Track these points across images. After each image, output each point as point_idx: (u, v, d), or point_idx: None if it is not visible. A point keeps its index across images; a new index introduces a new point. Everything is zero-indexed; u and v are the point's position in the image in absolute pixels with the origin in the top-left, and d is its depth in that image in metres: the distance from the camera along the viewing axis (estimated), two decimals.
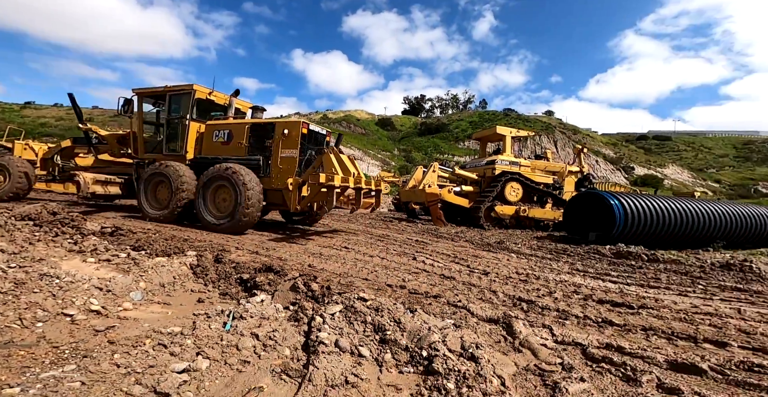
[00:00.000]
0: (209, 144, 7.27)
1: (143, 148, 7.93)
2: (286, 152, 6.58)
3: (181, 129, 7.50)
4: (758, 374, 2.17)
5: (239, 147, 6.93)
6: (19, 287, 2.18)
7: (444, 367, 2.02)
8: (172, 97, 7.52)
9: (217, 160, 6.84)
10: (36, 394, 1.43)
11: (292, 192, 6.29)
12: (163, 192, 7.07)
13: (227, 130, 7.11)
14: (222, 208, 6.44)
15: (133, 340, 2.00)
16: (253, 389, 1.80)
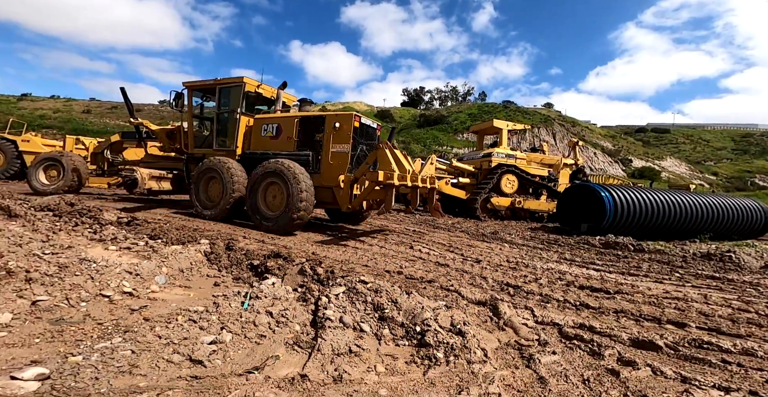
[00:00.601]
0: (258, 139, 7.01)
1: (193, 143, 7.74)
2: (337, 147, 6.20)
3: (231, 123, 7.28)
4: (706, 350, 2.50)
5: (288, 142, 6.65)
6: (62, 271, 2.48)
7: (435, 340, 2.34)
8: (222, 91, 7.30)
9: (266, 156, 6.58)
10: (97, 360, 1.73)
11: (344, 190, 5.93)
12: (214, 189, 6.83)
13: (276, 124, 6.83)
14: (273, 206, 6.10)
15: (166, 317, 2.31)
16: (271, 357, 2.11)
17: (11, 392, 1.48)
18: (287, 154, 6.50)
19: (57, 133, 31.34)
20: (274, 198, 6.08)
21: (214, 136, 7.45)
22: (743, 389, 1.97)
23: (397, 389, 1.89)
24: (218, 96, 7.32)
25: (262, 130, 6.98)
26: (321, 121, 6.47)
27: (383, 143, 5.86)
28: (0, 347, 1.87)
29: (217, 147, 7.36)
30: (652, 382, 2.05)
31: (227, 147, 7.24)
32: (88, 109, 47.37)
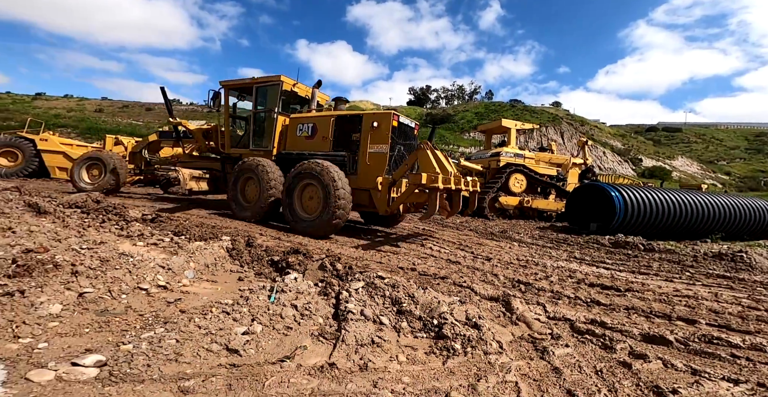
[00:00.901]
0: (293, 138, 6.88)
1: (229, 143, 7.66)
2: (375, 147, 5.94)
3: (267, 123, 7.18)
4: (715, 346, 2.58)
5: (324, 142, 6.45)
6: (104, 264, 2.64)
7: (452, 332, 2.46)
8: (259, 90, 7.20)
9: (302, 156, 6.44)
10: (147, 348, 1.88)
11: (382, 192, 5.71)
12: (251, 190, 6.74)
13: (311, 124, 6.65)
14: (309, 208, 5.89)
15: (200, 309, 2.46)
16: (299, 347, 2.25)
17: (75, 378, 1.64)
18: (323, 154, 6.30)
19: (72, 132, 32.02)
20: (311, 200, 5.88)
21: (250, 136, 7.36)
22: (751, 381, 2.06)
23: (419, 377, 2.02)
24: (255, 95, 7.22)
25: (297, 130, 6.82)
26: (358, 120, 6.26)
27: (424, 144, 5.57)
28: (54, 336, 2.03)
29: (253, 147, 7.28)
30: (663, 374, 2.15)
31: (263, 147, 7.16)
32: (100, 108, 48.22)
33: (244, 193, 6.84)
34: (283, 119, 7.03)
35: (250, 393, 1.69)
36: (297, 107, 7.87)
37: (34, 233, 3.07)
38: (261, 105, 7.28)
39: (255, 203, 6.50)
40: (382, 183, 5.77)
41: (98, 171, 9.07)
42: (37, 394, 1.51)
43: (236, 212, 6.76)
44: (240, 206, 6.76)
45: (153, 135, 10.08)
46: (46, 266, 2.38)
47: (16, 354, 1.82)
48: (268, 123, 7.18)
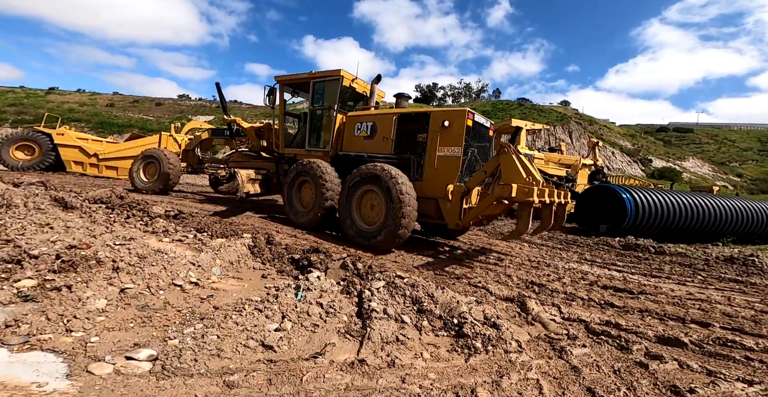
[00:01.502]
0: (350, 138, 6.22)
1: (283, 142, 7.18)
2: (445, 150, 5.19)
3: (325, 121, 6.60)
4: (729, 348, 2.66)
5: (385, 143, 5.79)
6: (142, 261, 2.78)
7: (472, 331, 2.56)
8: (317, 85, 6.63)
9: (360, 159, 5.88)
10: (192, 343, 2.01)
11: (453, 203, 4.98)
12: (307, 194, 6.20)
13: (371, 123, 5.97)
14: (368, 218, 5.25)
15: (233, 306, 2.59)
16: (328, 344, 2.37)
17: (131, 371, 1.77)
18: (384, 156, 5.70)
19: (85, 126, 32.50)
20: (372, 209, 5.23)
21: (306, 136, 6.79)
22: (765, 383, 2.14)
23: (443, 373, 2.13)
24: (312, 91, 6.65)
25: (355, 130, 6.15)
26: (424, 118, 5.51)
27: (507, 147, 4.67)
28: (102, 330, 2.17)
29: (309, 147, 6.74)
30: (679, 374, 2.24)
31: (320, 148, 6.62)
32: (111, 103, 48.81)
33: (300, 197, 6.32)
34: (340, 118, 6.41)
35: (290, 388, 1.81)
36: (350, 104, 7.20)
37: (71, 228, 3.21)
38: (318, 102, 6.70)
39: (311, 209, 5.94)
40: (453, 192, 5.01)
41: (154, 169, 9.02)
42: (101, 386, 1.64)
43: (291, 217, 6.25)
44: (295, 211, 6.24)
45: (205, 133, 10.01)
46: (89, 261, 2.52)
47: (71, 347, 1.96)
48: (325, 121, 6.60)
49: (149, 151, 9.40)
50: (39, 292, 2.32)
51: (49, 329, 2.06)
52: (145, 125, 35.57)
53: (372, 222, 5.18)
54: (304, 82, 6.81)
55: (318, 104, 6.70)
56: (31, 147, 12.81)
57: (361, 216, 5.33)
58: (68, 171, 12.98)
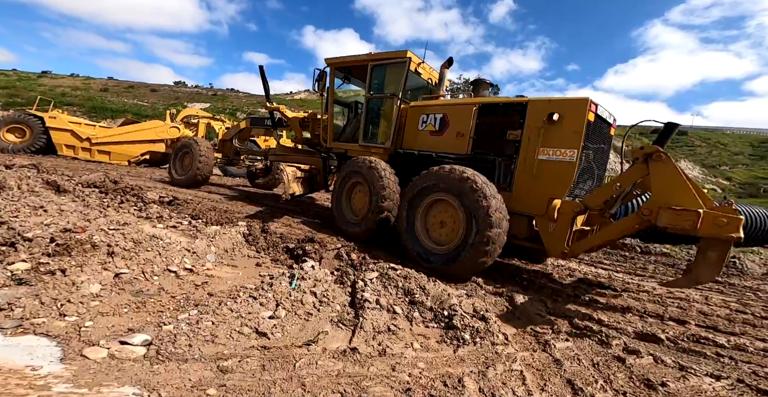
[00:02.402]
0: (413, 133, 5.16)
1: (332, 135, 6.18)
2: (552, 153, 3.87)
3: (385, 112, 5.53)
4: (702, 344, 2.79)
5: (459, 140, 4.63)
6: (137, 246, 2.79)
7: (461, 323, 2.64)
8: (376, 69, 5.53)
9: (427, 158, 4.88)
10: (187, 328, 2.05)
11: (560, 224, 3.71)
12: (359, 199, 5.19)
13: (440, 115, 4.85)
14: (438, 236, 4.10)
15: (228, 293, 2.63)
16: (321, 332, 2.43)
17: (126, 356, 1.80)
18: (457, 157, 4.63)
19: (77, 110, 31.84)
20: (442, 226, 4.06)
21: (360, 129, 5.71)
22: (732, 378, 2.26)
23: (432, 362, 2.20)
24: (370, 76, 5.51)
25: (419, 123, 5.06)
26: (519, 110, 4.19)
27: (662, 153, 3.27)
28: (96, 315, 2.19)
29: (363, 142, 5.66)
30: (653, 368, 2.35)
31: (378, 143, 5.54)
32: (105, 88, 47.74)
33: (351, 202, 5.33)
34: (403, 108, 5.36)
35: (283, 374, 1.87)
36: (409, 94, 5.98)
37: (64, 212, 3.20)
38: (377, 89, 5.62)
39: (363, 218, 4.92)
40: (561, 209, 3.70)
41: (189, 160, 8.39)
42: (96, 370, 1.68)
43: (341, 225, 5.23)
44: (345, 219, 5.24)
45: (244, 122, 9.24)
46: (84, 245, 2.52)
47: (65, 332, 1.98)
48: (385, 112, 5.55)
49: (184, 140, 8.82)
50: (33, 275, 2.33)
51: (42, 313, 2.08)
52: (139, 111, 34.91)
53: (443, 241, 4.03)
54: (360, 66, 5.73)
55: (377, 92, 5.60)
56: (22, 130, 12.58)
57: (428, 233, 4.19)
58: (59, 154, 12.81)
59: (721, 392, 2.14)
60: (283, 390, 1.74)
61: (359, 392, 1.78)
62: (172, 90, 54.68)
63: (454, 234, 3.93)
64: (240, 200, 7.27)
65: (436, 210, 4.17)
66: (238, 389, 1.69)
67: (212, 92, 55.52)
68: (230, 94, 56.02)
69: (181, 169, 8.60)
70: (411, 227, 4.25)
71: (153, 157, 13.74)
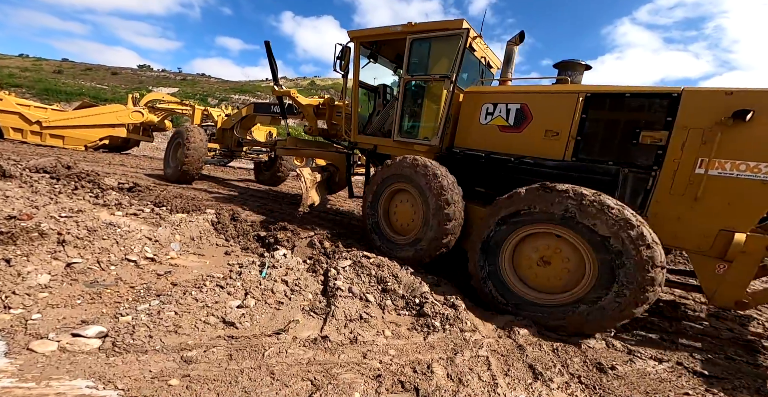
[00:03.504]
0: (472, 127, 4.02)
1: (357, 126, 4.95)
2: (736, 167, 2.73)
3: (430, 99, 4.31)
4: (648, 330, 2.98)
5: (549, 140, 3.49)
6: (91, 234, 2.61)
7: (432, 311, 2.67)
8: (417, 44, 4.23)
9: (499, 162, 3.75)
10: (147, 319, 1.94)
11: (740, 266, 2.67)
12: (404, 212, 4.01)
13: (516, 105, 3.71)
14: (537, 278, 2.99)
15: (193, 282, 2.52)
16: (292, 321, 2.38)
17: (79, 348, 1.69)
18: (552, 162, 3.46)
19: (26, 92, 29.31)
20: (547, 265, 2.94)
21: (395, 119, 4.41)
22: (672, 360, 2.45)
23: (403, 350, 2.22)
24: (408, 53, 4.23)
25: (482, 114, 3.93)
26: (666, 103, 3.01)
27: None
28: (45, 307, 2.04)
29: (399, 137, 4.41)
30: (605, 353, 2.50)
31: (420, 138, 4.31)
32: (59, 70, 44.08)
33: (392, 216, 4.16)
34: (456, 95, 4.06)
35: (251, 363, 1.82)
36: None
37: (9, 198, 2.94)
38: (418, 69, 4.35)
39: (415, 240, 3.78)
40: (749, 247, 2.65)
41: (181, 152, 7.31)
42: (44, 364, 1.56)
43: (380, 245, 4.07)
44: (384, 236, 4.10)
45: (247, 108, 8.04)
46: (30, 234, 2.33)
47: (10, 325, 1.83)
48: (430, 99, 4.32)
49: (179, 128, 7.80)
50: None
51: None
52: (98, 94, 32.54)
53: (548, 286, 2.93)
54: (395, 40, 4.47)
55: (418, 73, 4.32)
56: None
57: (519, 271, 3.09)
58: (6, 138, 11.79)
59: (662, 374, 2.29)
60: (250, 379, 1.70)
61: (329, 379, 1.76)
62: (136, 74, 51.42)
63: (567, 278, 2.82)
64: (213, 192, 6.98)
65: (535, 242, 2.99)
66: (203, 378, 1.64)
67: (181, 77, 52.69)
68: (201, 79, 53.44)
69: (173, 162, 7.54)
70: (494, 264, 3.13)
71: (113, 142, 12.92)
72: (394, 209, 4.14)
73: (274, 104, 7.17)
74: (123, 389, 1.47)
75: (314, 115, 6.20)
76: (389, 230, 4.13)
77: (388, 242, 4.04)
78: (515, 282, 3.06)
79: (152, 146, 16.14)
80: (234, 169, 12.87)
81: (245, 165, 13.86)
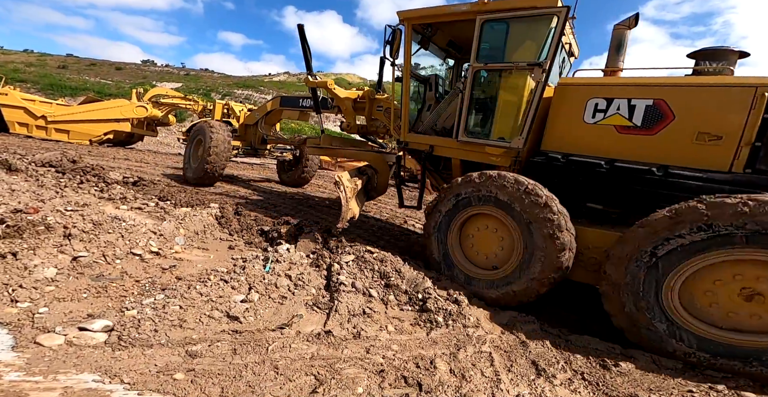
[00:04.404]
0: (569, 127, 3.28)
1: (407, 122, 4.22)
2: None
3: (509, 91, 3.63)
4: None
5: (705, 146, 2.80)
6: (97, 228, 2.62)
7: (435, 306, 2.68)
8: (490, 26, 3.54)
9: (632, 172, 3.00)
10: (152, 313, 1.96)
11: None
12: (487, 240, 3.27)
13: (646, 101, 2.98)
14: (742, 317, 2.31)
15: (197, 276, 2.53)
16: (296, 316, 2.40)
17: (85, 342, 1.71)
18: (717, 173, 2.75)
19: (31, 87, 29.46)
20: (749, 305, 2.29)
21: (462, 114, 3.67)
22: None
23: (406, 345, 2.23)
24: (479, 36, 3.55)
25: (588, 111, 3.20)
26: None
27: None
28: (52, 300, 2.06)
29: (466, 136, 3.69)
30: (608, 349, 2.49)
31: (495, 138, 3.59)
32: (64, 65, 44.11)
33: (463, 241, 3.42)
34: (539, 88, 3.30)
35: (255, 357, 1.83)
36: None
37: (16, 192, 2.96)
38: (492, 56, 3.65)
39: (503, 277, 3.09)
40: None
41: (202, 150, 6.61)
42: (51, 358, 1.58)
43: (468, 283, 3.24)
44: (458, 269, 3.33)
45: (272, 102, 7.38)
46: (37, 227, 2.35)
47: (17, 319, 1.86)
48: (509, 91, 3.63)
49: (200, 124, 7.16)
50: None
51: None
52: (102, 89, 32.58)
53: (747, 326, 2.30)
54: (463, 21, 3.71)
55: (492, 59, 3.64)
56: None
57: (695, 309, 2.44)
58: (11, 133, 11.89)
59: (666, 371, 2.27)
60: (255, 373, 1.71)
61: (332, 374, 1.77)
62: (140, 69, 51.40)
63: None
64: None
65: (713, 276, 2.37)
66: (207, 373, 1.65)
67: (184, 72, 52.61)
68: (204, 74, 53.36)
69: (194, 161, 6.76)
70: (658, 307, 2.46)
71: (117, 136, 12.99)
72: (472, 235, 3.35)
73: (304, 97, 6.61)
74: (129, 383, 1.49)
75: (353, 109, 5.56)
76: (464, 260, 3.34)
77: (464, 276, 3.27)
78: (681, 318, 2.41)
79: (156, 141, 16.19)
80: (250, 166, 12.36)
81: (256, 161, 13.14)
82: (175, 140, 16.29)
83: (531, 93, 3.34)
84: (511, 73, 3.58)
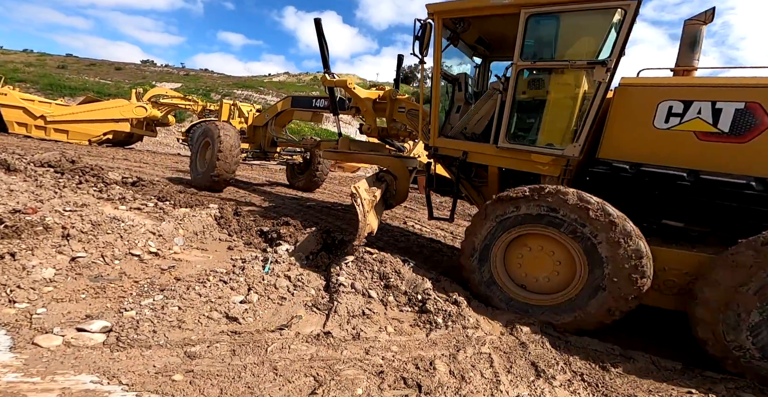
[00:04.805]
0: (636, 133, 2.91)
1: (437, 126, 3.81)
2: None
3: (560, 92, 3.23)
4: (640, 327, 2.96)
5: None
6: (95, 228, 2.62)
7: (435, 307, 2.67)
8: (535, 21, 3.16)
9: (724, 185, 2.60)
10: (151, 314, 1.95)
11: None
12: (536, 262, 2.90)
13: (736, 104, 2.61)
14: None
15: (196, 277, 2.52)
16: (295, 317, 2.39)
17: (83, 343, 1.70)
18: None
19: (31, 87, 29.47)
20: None
21: (503, 118, 3.28)
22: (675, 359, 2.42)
23: (405, 346, 2.23)
24: (524, 30, 3.12)
25: (659, 115, 2.82)
26: None
27: None
28: (50, 301, 2.05)
29: (509, 142, 3.28)
30: (607, 350, 2.49)
31: (543, 144, 3.21)
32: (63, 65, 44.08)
33: (507, 261, 3.04)
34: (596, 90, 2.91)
35: (254, 358, 1.83)
36: None
37: (14, 192, 2.95)
38: (539, 53, 3.30)
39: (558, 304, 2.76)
40: None
41: (210, 153, 6.25)
42: (49, 359, 1.57)
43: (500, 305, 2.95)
44: (506, 295, 2.97)
45: (283, 102, 6.99)
46: (35, 228, 2.34)
47: (15, 319, 1.85)
48: (561, 92, 3.23)
49: (205, 125, 6.92)
50: None
51: None
52: (102, 89, 32.55)
53: None
54: (505, 14, 3.27)
55: (538, 57, 3.25)
56: None
57: None
58: (10, 132, 11.88)
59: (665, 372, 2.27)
60: (254, 374, 1.70)
61: (332, 375, 1.77)
62: (139, 69, 51.36)
63: None
64: None
65: None
66: (206, 374, 1.64)
67: (184, 72, 52.62)
68: (204, 74, 53.37)
69: (202, 166, 6.41)
70: None
71: (116, 136, 12.98)
72: (518, 255, 2.96)
73: (316, 98, 6.28)
74: (127, 384, 1.48)
75: (374, 110, 5.17)
76: (510, 283, 2.97)
77: (513, 302, 2.91)
78: None
79: (155, 141, 16.17)
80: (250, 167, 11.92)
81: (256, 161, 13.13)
82: (174, 140, 16.30)
83: (586, 94, 2.99)
84: (563, 73, 3.19)
